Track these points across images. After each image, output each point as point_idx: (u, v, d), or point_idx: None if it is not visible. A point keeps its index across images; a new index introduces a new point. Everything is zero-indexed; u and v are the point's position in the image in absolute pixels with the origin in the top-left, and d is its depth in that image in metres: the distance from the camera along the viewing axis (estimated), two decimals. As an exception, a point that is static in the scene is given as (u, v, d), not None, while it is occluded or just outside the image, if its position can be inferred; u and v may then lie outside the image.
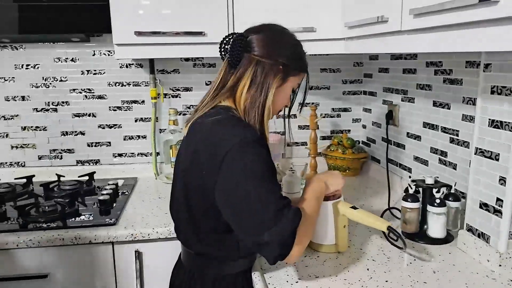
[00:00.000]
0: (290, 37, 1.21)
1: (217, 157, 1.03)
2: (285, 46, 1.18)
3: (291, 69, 1.18)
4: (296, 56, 1.20)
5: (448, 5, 0.91)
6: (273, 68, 1.14)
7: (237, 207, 1.03)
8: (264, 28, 1.19)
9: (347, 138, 2.23)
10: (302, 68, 1.22)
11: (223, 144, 1.03)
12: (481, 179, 1.25)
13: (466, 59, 1.46)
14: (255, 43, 1.14)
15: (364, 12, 1.40)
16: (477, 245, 1.26)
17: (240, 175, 1.02)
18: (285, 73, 1.16)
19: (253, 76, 1.13)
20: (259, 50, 1.14)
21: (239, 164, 1.02)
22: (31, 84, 2.12)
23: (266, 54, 1.14)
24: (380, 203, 1.78)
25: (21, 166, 2.18)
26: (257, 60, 1.13)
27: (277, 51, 1.15)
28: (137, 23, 1.73)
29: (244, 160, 1.02)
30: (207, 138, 1.08)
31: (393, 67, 1.96)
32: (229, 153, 1.02)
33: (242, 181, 1.02)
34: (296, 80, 1.22)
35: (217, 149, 1.04)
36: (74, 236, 1.50)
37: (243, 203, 1.02)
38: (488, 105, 1.21)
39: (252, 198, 1.01)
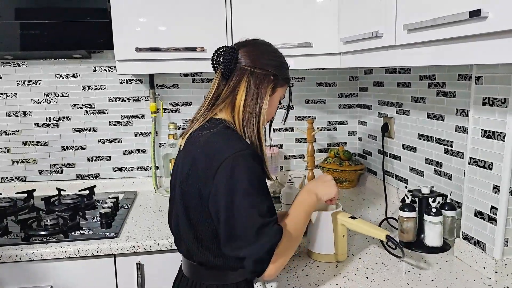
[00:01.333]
0: (275, 50, 1.26)
1: (212, 168, 1.06)
2: (273, 58, 1.22)
3: (280, 80, 1.22)
4: (282, 67, 1.24)
5: (440, 21, 0.95)
6: (265, 78, 1.18)
7: (223, 219, 1.06)
8: (251, 42, 1.24)
9: (343, 151, 2.26)
10: (287, 80, 1.26)
11: (217, 156, 1.06)
12: (476, 188, 1.28)
13: (458, 72, 1.51)
14: (246, 55, 1.19)
15: (359, 28, 1.44)
16: (473, 253, 1.29)
17: (229, 188, 1.04)
18: (275, 83, 1.21)
19: (247, 87, 1.17)
20: (250, 62, 1.18)
21: (229, 177, 1.04)
22: (33, 100, 2.15)
23: (258, 65, 1.18)
24: (377, 214, 1.81)
25: (21, 181, 2.20)
26: (250, 70, 1.17)
27: (266, 61, 1.20)
28: (138, 40, 1.78)
29: (235, 172, 1.04)
30: (203, 150, 1.11)
31: (388, 81, 2.01)
32: (222, 165, 1.05)
33: (230, 194, 1.04)
34: (282, 91, 1.26)
35: (213, 161, 1.07)
36: (77, 249, 1.52)
37: (228, 216, 1.04)
38: (480, 116, 1.25)
39: (236, 212, 1.03)
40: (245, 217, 1.03)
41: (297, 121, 2.36)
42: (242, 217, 1.03)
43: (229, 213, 1.04)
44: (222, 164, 1.05)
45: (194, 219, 1.16)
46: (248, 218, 1.03)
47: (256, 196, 1.05)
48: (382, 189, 1.89)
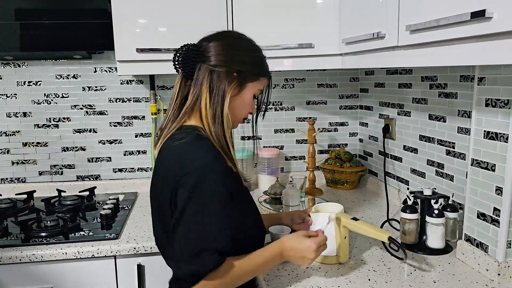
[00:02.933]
0: (246, 43, 1.19)
1: (179, 178, 1.04)
2: (239, 53, 1.15)
3: (248, 75, 1.15)
4: (252, 61, 1.17)
5: (444, 21, 0.95)
6: (227, 76, 1.12)
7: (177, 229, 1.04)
8: (218, 36, 1.17)
9: (344, 152, 2.26)
10: (260, 73, 1.19)
11: (184, 167, 1.04)
12: (478, 190, 1.28)
13: (460, 73, 1.50)
14: (208, 52, 1.13)
15: (361, 29, 1.44)
16: (475, 255, 1.28)
17: (188, 202, 1.02)
18: (241, 79, 1.14)
19: (209, 88, 1.11)
20: (212, 59, 1.12)
21: (190, 190, 1.02)
22: (33, 101, 2.14)
23: (219, 62, 1.11)
24: (379, 215, 1.80)
25: (21, 182, 2.19)
26: (210, 69, 1.11)
27: (230, 58, 1.13)
28: (139, 40, 1.77)
29: (197, 187, 1.01)
30: (174, 161, 1.07)
31: (389, 82, 2.00)
32: (186, 176, 1.03)
33: (187, 207, 1.02)
34: (256, 86, 1.18)
35: (180, 171, 1.04)
36: (77, 251, 1.51)
37: (182, 228, 1.02)
38: (483, 117, 1.25)
39: (188, 226, 1.02)
40: (195, 237, 1.01)
41: (297, 122, 2.35)
42: (193, 234, 1.01)
43: (184, 227, 1.02)
44: (186, 175, 1.02)
45: (169, 229, 1.11)
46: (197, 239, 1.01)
47: (213, 216, 1.02)
48: (383, 191, 1.89)
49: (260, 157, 2.22)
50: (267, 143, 2.35)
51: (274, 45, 1.75)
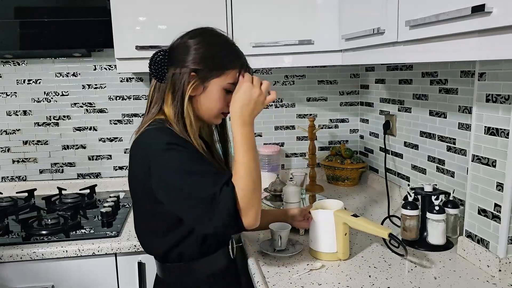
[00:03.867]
0: (207, 39, 1.15)
1: (145, 161, 1.07)
2: (196, 51, 1.12)
3: (208, 72, 1.12)
4: (211, 56, 1.13)
5: (443, 17, 0.94)
6: (185, 77, 1.11)
7: (176, 204, 1.06)
8: (182, 36, 1.16)
9: (345, 149, 2.25)
10: (224, 66, 1.13)
11: (148, 149, 1.07)
12: (479, 186, 1.27)
13: (461, 69, 1.49)
14: (172, 54, 1.14)
15: (361, 24, 1.43)
16: (476, 251, 1.28)
17: (168, 175, 1.04)
18: (202, 78, 1.11)
19: (172, 89, 1.12)
20: (173, 61, 1.12)
21: (164, 165, 1.04)
22: (33, 99, 2.14)
23: (177, 63, 1.12)
24: (380, 212, 1.80)
25: (22, 180, 2.19)
26: (172, 72, 1.12)
27: (186, 57, 1.11)
28: (138, 38, 1.77)
29: (168, 160, 1.04)
30: (138, 146, 1.11)
31: (389, 78, 2.00)
32: (154, 157, 1.05)
33: (171, 181, 1.04)
34: (224, 81, 1.13)
35: (144, 154, 1.08)
36: (78, 248, 1.51)
37: (180, 200, 1.04)
38: (483, 113, 1.24)
39: (184, 195, 1.03)
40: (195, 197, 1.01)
41: (298, 119, 2.35)
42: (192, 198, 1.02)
43: (180, 197, 1.04)
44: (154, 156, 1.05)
45: (144, 215, 1.17)
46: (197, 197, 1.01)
47: (196, 174, 1.03)
48: (384, 187, 1.88)
49: (261, 154, 2.22)
50: (267, 140, 2.35)
51: (274, 41, 1.74)
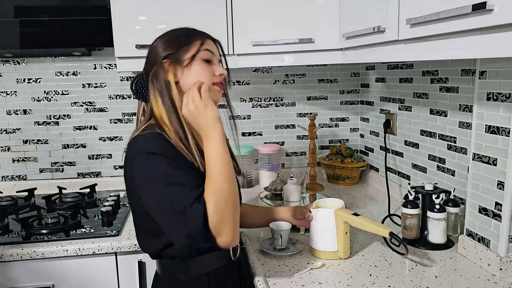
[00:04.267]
0: (165, 32, 1.20)
1: (128, 167, 1.08)
2: (161, 43, 1.16)
3: (178, 50, 1.13)
4: (173, 37, 1.17)
5: (444, 14, 0.94)
6: (160, 70, 1.12)
7: (153, 211, 1.06)
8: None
9: (345, 148, 2.25)
10: (190, 38, 1.15)
11: (130, 158, 1.07)
12: (480, 184, 1.27)
13: (461, 67, 1.49)
14: (146, 68, 1.16)
15: (361, 23, 1.43)
16: (477, 250, 1.28)
17: (147, 184, 1.04)
18: (175, 59, 1.12)
19: (156, 88, 1.12)
20: (148, 71, 1.14)
21: (144, 174, 1.05)
22: (33, 98, 2.14)
23: (149, 66, 1.15)
24: (380, 211, 1.79)
25: (22, 179, 2.19)
26: (150, 79, 1.13)
27: (156, 54, 1.14)
28: (138, 37, 1.77)
29: (147, 169, 1.04)
30: (127, 152, 1.11)
31: (390, 77, 1.99)
32: (135, 163, 1.06)
33: (149, 190, 1.04)
34: (194, 51, 1.13)
35: (128, 161, 1.08)
36: (78, 248, 1.51)
37: (156, 208, 1.04)
38: (484, 111, 1.24)
39: (160, 204, 1.02)
40: (167, 209, 1.01)
41: (298, 118, 2.35)
42: (165, 209, 1.01)
43: (156, 207, 1.04)
44: (134, 162, 1.05)
45: (137, 216, 1.18)
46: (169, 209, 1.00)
47: (171, 185, 1.01)
48: (384, 186, 1.88)
49: (261, 153, 2.21)
50: (268, 139, 2.34)
51: (273, 40, 1.74)
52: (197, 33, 1.18)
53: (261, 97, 2.31)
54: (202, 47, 1.14)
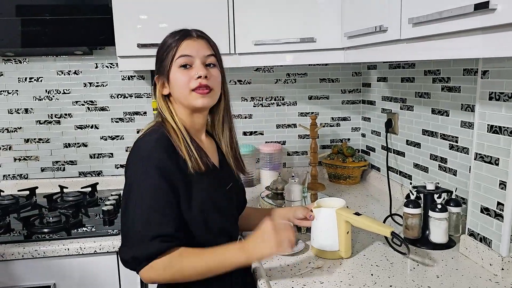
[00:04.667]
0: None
1: (126, 166, 1.14)
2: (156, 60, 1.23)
3: (160, 64, 1.19)
4: (157, 52, 1.22)
5: (446, 14, 0.94)
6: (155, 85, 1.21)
7: (123, 212, 1.10)
8: None
9: (347, 147, 2.25)
10: (167, 47, 1.18)
11: (131, 157, 1.12)
12: (482, 184, 1.27)
13: (463, 67, 1.49)
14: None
15: (363, 22, 1.43)
16: (479, 250, 1.28)
17: (128, 193, 1.09)
18: (160, 72, 1.19)
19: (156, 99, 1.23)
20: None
21: (130, 182, 1.09)
22: (34, 97, 2.14)
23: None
24: (381, 210, 1.79)
25: (24, 178, 2.19)
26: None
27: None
28: (140, 36, 1.77)
29: (137, 180, 1.08)
30: (131, 150, 1.15)
31: (392, 76, 1.99)
32: (129, 168, 1.11)
33: (129, 197, 1.08)
34: (173, 58, 1.16)
35: (128, 158, 1.13)
36: (79, 246, 1.51)
37: (125, 217, 1.08)
38: (486, 111, 1.24)
39: (130, 215, 1.07)
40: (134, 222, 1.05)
41: (299, 117, 2.34)
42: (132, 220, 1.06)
43: (126, 212, 1.08)
44: (128, 164, 1.12)
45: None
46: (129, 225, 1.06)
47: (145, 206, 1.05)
48: (386, 186, 1.88)
49: (262, 152, 2.21)
50: (269, 138, 2.34)
51: (275, 39, 1.74)
52: (173, 38, 1.19)
53: (263, 97, 2.31)
54: (176, 54, 1.16)
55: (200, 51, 1.17)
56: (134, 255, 1.05)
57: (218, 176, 1.24)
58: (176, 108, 1.20)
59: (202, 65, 1.16)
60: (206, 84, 1.15)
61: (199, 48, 1.17)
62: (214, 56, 1.20)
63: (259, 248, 1.07)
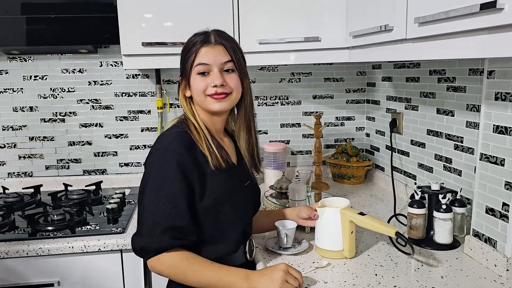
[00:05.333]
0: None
1: (146, 159, 1.17)
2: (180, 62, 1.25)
3: (182, 66, 1.23)
4: (182, 56, 1.23)
5: (453, 13, 0.93)
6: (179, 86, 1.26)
7: (140, 199, 1.14)
8: None
9: (351, 147, 2.24)
10: (185, 54, 1.21)
11: (151, 149, 1.17)
12: (487, 185, 1.26)
13: (469, 67, 1.48)
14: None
15: (369, 21, 1.42)
16: (484, 250, 1.27)
17: (145, 181, 1.12)
18: (183, 75, 1.22)
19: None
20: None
21: (147, 171, 1.13)
22: (39, 95, 2.15)
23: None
24: (386, 210, 1.79)
25: (28, 176, 2.20)
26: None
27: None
28: (145, 34, 1.77)
29: (153, 170, 1.11)
30: (153, 145, 1.19)
31: (396, 76, 1.98)
32: (148, 158, 1.16)
33: (144, 187, 1.12)
34: (192, 65, 1.19)
35: (149, 152, 1.17)
36: (83, 244, 1.52)
37: (141, 207, 1.12)
38: (492, 111, 1.23)
39: (144, 206, 1.10)
40: (150, 214, 1.09)
41: (304, 116, 2.34)
42: (148, 212, 1.09)
43: (142, 204, 1.12)
44: (148, 158, 1.16)
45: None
46: (151, 215, 1.08)
47: (160, 199, 1.08)
48: (390, 185, 1.87)
49: (266, 151, 2.21)
50: (273, 138, 2.34)
51: (280, 38, 1.74)
52: (193, 42, 1.21)
53: (267, 96, 2.31)
54: (195, 61, 1.18)
55: (217, 58, 1.18)
56: (144, 245, 1.08)
57: (236, 173, 1.27)
58: (197, 109, 1.23)
59: (219, 73, 1.18)
60: (222, 91, 1.18)
61: (216, 55, 1.18)
62: (231, 61, 1.20)
63: (263, 283, 1.07)
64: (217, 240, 1.18)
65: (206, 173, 1.14)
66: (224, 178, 1.19)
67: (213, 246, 1.17)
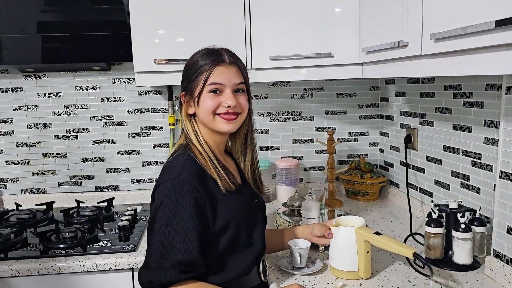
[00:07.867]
0: (191, 56, 1.23)
1: (154, 191, 1.14)
2: (182, 78, 1.23)
3: (189, 83, 1.19)
4: (187, 69, 1.21)
5: (471, 29, 0.91)
6: (181, 102, 1.23)
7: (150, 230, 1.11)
8: None
9: (365, 163, 2.21)
10: (195, 71, 1.18)
11: (159, 180, 1.12)
12: (508, 204, 1.22)
13: (486, 82, 1.45)
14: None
15: (382, 37, 1.40)
16: (505, 272, 1.22)
17: (155, 213, 1.09)
18: (189, 92, 1.19)
19: (180, 118, 1.25)
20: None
21: (157, 203, 1.09)
22: (53, 112, 2.16)
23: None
24: (401, 228, 1.74)
25: (41, 193, 2.21)
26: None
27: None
28: (157, 52, 1.78)
29: (164, 202, 1.07)
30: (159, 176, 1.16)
31: (411, 91, 1.96)
32: (157, 189, 1.11)
33: (154, 218, 1.09)
34: (200, 86, 1.16)
35: (156, 183, 1.13)
36: (94, 263, 1.50)
37: (150, 239, 1.10)
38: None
39: (154, 238, 1.07)
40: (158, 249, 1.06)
41: (316, 132, 2.32)
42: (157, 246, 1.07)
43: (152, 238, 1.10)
44: (157, 189, 1.11)
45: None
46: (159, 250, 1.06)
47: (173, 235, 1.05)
48: (405, 203, 1.83)
49: (279, 167, 2.19)
50: (285, 154, 2.32)
51: (292, 54, 1.73)
52: (205, 61, 1.18)
53: (279, 111, 2.29)
54: (208, 80, 1.16)
55: (232, 79, 1.18)
56: (151, 279, 1.06)
57: (244, 193, 1.25)
58: (200, 128, 1.21)
59: (232, 93, 1.17)
60: (234, 111, 1.17)
61: (231, 76, 1.18)
62: (243, 83, 1.21)
63: None
64: (230, 264, 1.15)
65: (217, 199, 1.13)
66: (235, 199, 1.17)
67: (226, 270, 1.14)
